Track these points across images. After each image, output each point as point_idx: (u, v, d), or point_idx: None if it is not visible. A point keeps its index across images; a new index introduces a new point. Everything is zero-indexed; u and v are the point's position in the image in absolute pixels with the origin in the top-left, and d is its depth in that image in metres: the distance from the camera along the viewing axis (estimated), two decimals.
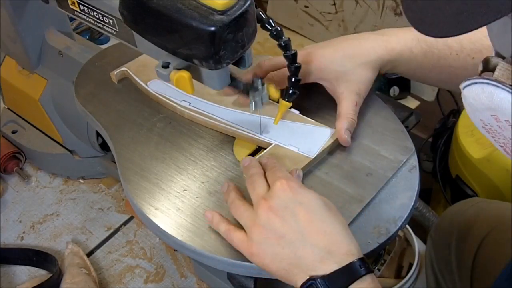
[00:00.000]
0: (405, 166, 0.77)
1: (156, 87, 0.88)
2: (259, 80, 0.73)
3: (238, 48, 0.64)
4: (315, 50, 0.81)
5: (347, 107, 0.79)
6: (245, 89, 0.73)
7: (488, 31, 0.49)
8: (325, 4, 1.65)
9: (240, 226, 0.65)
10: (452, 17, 0.44)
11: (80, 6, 0.76)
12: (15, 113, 1.23)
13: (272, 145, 0.79)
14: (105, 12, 0.73)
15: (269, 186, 0.66)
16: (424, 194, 1.39)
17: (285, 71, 0.76)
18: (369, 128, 0.82)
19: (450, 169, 1.31)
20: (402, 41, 0.80)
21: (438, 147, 1.37)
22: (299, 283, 0.59)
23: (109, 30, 0.75)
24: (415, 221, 1.29)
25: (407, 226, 1.19)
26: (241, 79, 0.72)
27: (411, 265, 1.16)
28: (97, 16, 0.75)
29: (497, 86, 0.47)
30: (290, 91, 0.77)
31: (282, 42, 0.72)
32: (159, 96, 0.87)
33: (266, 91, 0.74)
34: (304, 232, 0.60)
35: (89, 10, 0.75)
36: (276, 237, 0.61)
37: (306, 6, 1.71)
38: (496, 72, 0.49)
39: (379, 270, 1.27)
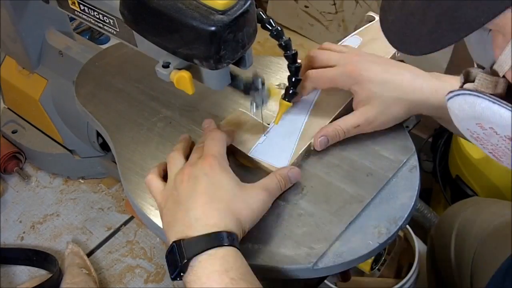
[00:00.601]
0: (405, 166, 0.77)
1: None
2: (259, 79, 0.73)
3: (239, 48, 0.64)
4: (363, 65, 0.77)
5: (347, 121, 0.77)
6: (246, 89, 0.73)
7: (466, 44, 0.52)
8: (325, 4, 1.65)
9: None
10: (427, 36, 0.47)
11: (80, 6, 0.76)
12: (15, 113, 1.23)
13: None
14: (105, 12, 0.73)
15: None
16: (424, 194, 1.40)
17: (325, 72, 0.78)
18: None
19: (450, 169, 1.31)
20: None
21: (438, 147, 1.37)
22: (170, 243, 0.64)
23: (109, 30, 0.75)
24: (415, 221, 1.29)
25: (407, 226, 1.19)
26: (242, 79, 0.72)
27: (411, 265, 1.16)
28: (97, 16, 0.75)
29: (478, 96, 0.50)
30: (290, 91, 0.77)
31: (282, 42, 0.72)
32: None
33: (267, 92, 0.74)
34: (191, 199, 0.64)
35: (90, 10, 0.75)
36: (176, 193, 0.66)
37: (306, 6, 1.71)
38: (475, 82, 0.51)
39: (379, 270, 1.27)
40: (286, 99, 0.78)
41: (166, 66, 0.66)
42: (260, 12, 0.69)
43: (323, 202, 0.73)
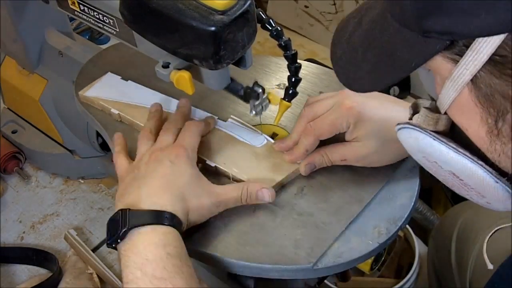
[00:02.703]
0: (405, 166, 0.77)
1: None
2: (259, 87, 0.73)
3: (238, 48, 0.64)
4: (359, 99, 0.72)
5: (335, 153, 0.74)
6: (245, 94, 0.73)
7: (420, 78, 0.53)
8: (325, 4, 1.65)
9: None
10: (367, 75, 0.50)
11: (80, 6, 0.76)
12: (15, 113, 1.23)
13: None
14: (105, 12, 0.73)
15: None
16: (424, 194, 1.39)
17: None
18: None
19: None
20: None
21: None
22: (116, 210, 0.66)
23: (109, 30, 0.75)
24: (415, 222, 1.29)
25: (407, 226, 1.19)
26: (241, 85, 0.72)
27: (411, 265, 1.16)
28: (97, 16, 0.75)
29: (420, 132, 0.51)
30: (290, 91, 0.77)
31: (282, 42, 0.72)
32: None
33: (267, 99, 0.74)
34: (149, 178, 0.67)
35: (89, 10, 0.75)
36: (137, 171, 0.69)
37: (306, 6, 1.71)
38: (418, 118, 0.52)
39: (379, 270, 1.27)
40: (286, 99, 0.78)
41: (166, 66, 0.66)
42: (260, 12, 0.69)
43: (323, 202, 0.72)
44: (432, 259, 1.03)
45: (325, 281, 1.16)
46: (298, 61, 0.74)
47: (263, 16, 0.69)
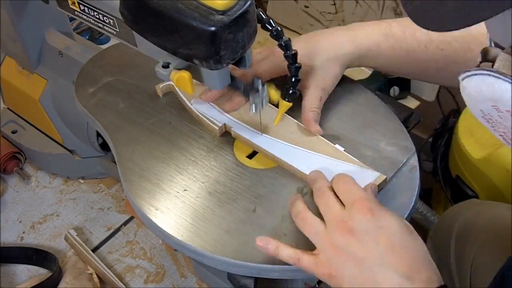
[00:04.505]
0: (405, 166, 0.77)
1: (199, 105, 0.84)
2: (259, 80, 0.72)
3: (239, 48, 0.64)
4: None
5: (311, 101, 0.80)
6: (245, 90, 0.73)
7: (486, 23, 0.49)
8: (325, 4, 1.65)
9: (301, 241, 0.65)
10: (453, 12, 0.44)
11: (80, 6, 0.76)
12: (15, 113, 1.23)
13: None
14: (105, 12, 0.73)
15: (342, 203, 0.64)
16: (425, 194, 1.39)
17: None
18: (369, 128, 0.82)
19: (450, 169, 1.31)
20: (370, 36, 0.81)
21: (438, 147, 1.37)
22: None
23: (109, 30, 0.75)
24: (415, 222, 1.29)
25: None
26: (242, 80, 0.72)
27: None
28: (97, 16, 0.75)
29: (498, 77, 0.47)
30: (291, 91, 0.77)
31: (282, 42, 0.72)
32: (201, 116, 0.83)
33: (267, 93, 0.74)
34: (384, 257, 0.58)
35: (89, 10, 0.75)
36: (355, 261, 0.59)
37: (306, 6, 1.71)
38: (496, 63, 0.49)
39: None
40: (286, 99, 0.78)
41: (166, 66, 0.66)
42: (260, 12, 0.69)
43: None
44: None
45: None
46: (298, 61, 0.74)
47: (263, 16, 0.69)
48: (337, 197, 0.65)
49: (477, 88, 0.50)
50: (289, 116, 0.81)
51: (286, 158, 0.76)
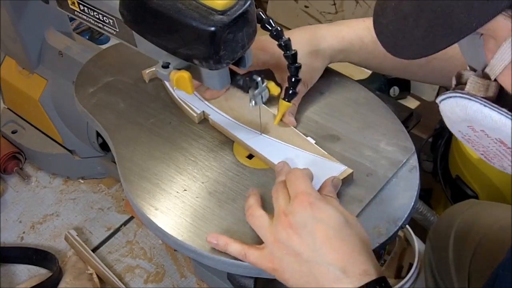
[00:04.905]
0: (405, 166, 0.77)
1: (181, 92, 0.86)
2: (259, 77, 0.72)
3: (238, 48, 0.64)
4: (269, 38, 0.77)
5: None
6: (245, 86, 0.73)
7: (459, 46, 0.52)
8: (325, 4, 1.65)
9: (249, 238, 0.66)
10: (420, 40, 0.48)
11: (80, 6, 0.76)
12: (15, 113, 1.23)
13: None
14: (105, 12, 0.73)
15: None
16: (425, 194, 1.39)
17: None
18: (369, 128, 0.82)
19: (450, 169, 1.31)
20: (352, 31, 0.82)
21: (438, 147, 1.37)
22: None
23: (109, 30, 0.75)
24: (415, 222, 1.29)
25: (407, 226, 1.19)
26: (242, 76, 0.72)
27: (411, 265, 1.16)
28: (97, 16, 0.75)
29: (470, 99, 0.50)
30: (290, 91, 0.77)
31: (282, 42, 0.72)
32: (181, 102, 0.85)
33: (267, 88, 0.74)
34: (320, 251, 0.59)
35: (89, 10, 0.75)
36: (294, 254, 0.60)
37: (306, 6, 1.71)
38: (467, 86, 0.51)
39: None
40: (286, 99, 0.78)
41: (165, 66, 0.66)
42: (260, 12, 0.69)
43: None
44: (429, 259, 1.03)
45: None
46: (298, 61, 0.74)
47: (263, 16, 0.69)
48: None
49: (452, 110, 0.52)
50: (265, 107, 0.82)
51: (257, 147, 0.77)
